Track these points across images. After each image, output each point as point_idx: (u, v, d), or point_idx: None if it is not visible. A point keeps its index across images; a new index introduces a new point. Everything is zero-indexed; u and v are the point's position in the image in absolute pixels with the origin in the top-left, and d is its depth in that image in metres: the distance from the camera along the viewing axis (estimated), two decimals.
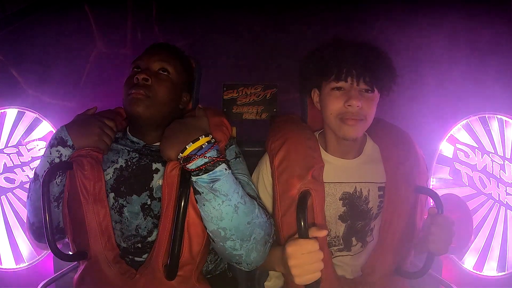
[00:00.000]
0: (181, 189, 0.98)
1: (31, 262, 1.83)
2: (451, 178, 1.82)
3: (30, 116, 1.83)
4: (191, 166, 0.96)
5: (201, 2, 1.88)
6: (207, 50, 1.89)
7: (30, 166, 1.81)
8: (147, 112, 1.06)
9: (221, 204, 0.96)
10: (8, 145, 1.81)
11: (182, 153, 0.96)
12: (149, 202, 1.07)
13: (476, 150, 1.78)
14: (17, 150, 1.80)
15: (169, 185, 1.01)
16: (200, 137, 0.97)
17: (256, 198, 1.08)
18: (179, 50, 1.21)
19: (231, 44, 1.88)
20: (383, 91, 1.12)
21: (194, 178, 0.97)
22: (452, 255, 1.80)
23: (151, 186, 1.08)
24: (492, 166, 1.75)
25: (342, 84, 1.08)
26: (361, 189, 1.15)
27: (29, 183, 1.12)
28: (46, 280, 1.21)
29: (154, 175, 1.09)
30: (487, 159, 1.76)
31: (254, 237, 1.00)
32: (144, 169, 1.10)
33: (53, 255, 1.16)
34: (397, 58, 1.15)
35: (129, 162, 1.11)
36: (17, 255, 1.81)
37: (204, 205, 0.97)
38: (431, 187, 1.78)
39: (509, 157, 1.73)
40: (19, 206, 1.80)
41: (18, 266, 1.81)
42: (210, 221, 0.98)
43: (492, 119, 1.78)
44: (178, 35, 1.90)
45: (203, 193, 0.97)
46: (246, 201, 1.00)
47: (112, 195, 1.08)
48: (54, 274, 1.31)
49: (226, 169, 0.98)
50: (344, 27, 1.83)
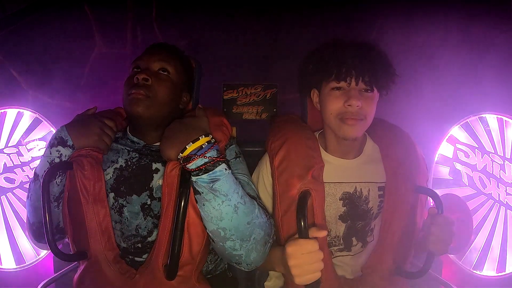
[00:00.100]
0: (181, 189, 0.98)
1: (31, 262, 1.83)
2: (451, 178, 1.82)
3: (30, 116, 1.84)
4: (191, 166, 0.96)
5: (201, 2, 1.87)
6: (207, 50, 1.89)
7: (30, 166, 1.81)
8: (147, 112, 1.06)
9: (221, 204, 0.96)
10: (8, 145, 1.81)
11: (182, 153, 0.96)
12: (149, 202, 1.07)
13: (476, 150, 1.78)
14: (17, 150, 1.81)
15: (169, 185, 1.01)
16: (200, 137, 0.97)
17: (256, 198, 1.08)
18: (179, 50, 1.21)
19: (231, 44, 1.88)
20: (383, 91, 1.12)
21: (194, 178, 0.97)
22: (452, 255, 1.80)
23: (151, 186, 1.08)
24: (492, 166, 1.75)
25: (341, 84, 1.08)
26: (361, 189, 1.15)
27: (29, 183, 1.12)
28: (46, 280, 1.21)
29: (154, 175, 1.09)
30: (487, 159, 1.76)
31: (254, 237, 1.00)
32: (144, 169, 1.10)
33: (53, 255, 1.16)
34: (397, 58, 1.15)
35: (129, 162, 1.11)
36: (17, 255, 1.81)
37: (204, 205, 0.97)
38: (431, 187, 1.78)
39: (509, 157, 1.73)
40: (19, 206, 1.80)
41: (18, 266, 1.81)
42: (210, 221, 0.98)
43: (492, 119, 1.78)
44: (178, 35, 1.90)
45: (203, 193, 0.97)
46: (246, 201, 1.00)
47: (112, 195, 1.08)
48: (54, 274, 1.31)
49: (226, 169, 0.98)
50: (344, 27, 1.83)
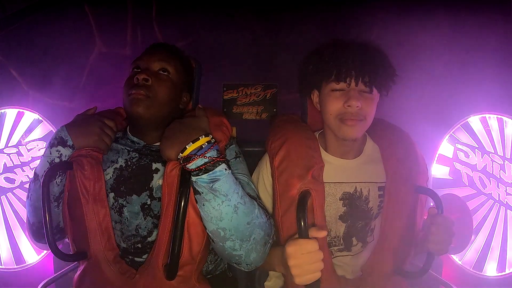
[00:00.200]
0: (181, 189, 0.98)
1: (31, 262, 1.83)
2: (451, 178, 1.82)
3: (30, 116, 1.84)
4: (191, 166, 0.96)
5: (201, 2, 1.87)
6: (207, 50, 1.89)
7: (30, 166, 1.81)
8: (147, 112, 1.06)
9: (221, 204, 0.96)
10: (8, 145, 1.81)
11: (182, 153, 0.96)
12: (149, 202, 1.07)
13: (476, 150, 1.78)
14: (17, 150, 1.81)
15: (169, 185, 1.01)
16: (200, 137, 0.97)
17: (256, 198, 1.08)
18: (179, 50, 1.21)
19: (231, 44, 1.88)
20: (383, 91, 1.12)
21: (194, 178, 0.97)
22: (452, 255, 1.80)
23: (151, 186, 1.08)
24: (492, 166, 1.75)
25: (341, 84, 1.08)
26: (361, 189, 1.15)
27: (29, 183, 1.12)
28: (46, 280, 1.21)
29: (154, 175, 1.09)
30: (487, 159, 1.76)
31: (253, 238, 1.00)
32: (144, 169, 1.10)
33: (53, 255, 1.16)
34: (397, 58, 1.15)
35: (129, 162, 1.11)
36: (17, 255, 1.81)
37: (204, 205, 0.97)
38: (431, 187, 1.78)
39: (509, 157, 1.73)
40: (19, 206, 1.81)
41: (18, 266, 1.81)
42: (209, 221, 0.98)
43: (492, 119, 1.78)
44: (178, 35, 1.90)
45: (202, 193, 0.97)
46: (246, 202, 1.00)
47: (112, 195, 1.08)
48: (54, 274, 1.31)
49: (226, 169, 0.98)
50: (344, 27, 1.83)
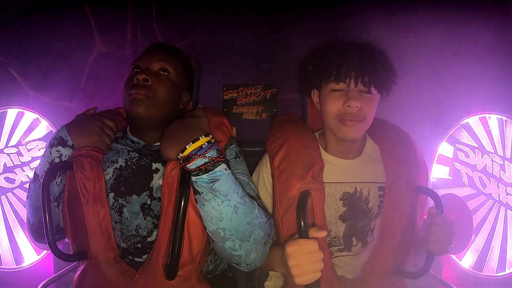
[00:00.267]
0: (181, 189, 0.98)
1: (31, 262, 1.83)
2: (451, 178, 1.82)
3: (30, 116, 1.83)
4: (191, 166, 0.95)
5: (201, 2, 1.87)
6: (207, 50, 1.88)
7: (30, 166, 1.81)
8: (147, 113, 1.06)
9: (221, 204, 0.96)
10: (8, 145, 1.81)
11: (182, 153, 0.96)
12: (149, 202, 1.07)
13: (476, 150, 1.78)
14: (17, 150, 1.81)
15: (169, 185, 1.01)
16: (200, 137, 0.97)
17: (256, 199, 1.08)
18: (179, 50, 1.21)
19: (231, 44, 1.87)
20: (383, 92, 1.12)
21: (194, 178, 0.97)
22: (452, 255, 1.80)
23: (151, 186, 1.08)
24: (492, 166, 1.75)
25: (341, 85, 1.07)
26: (361, 189, 1.15)
27: (29, 183, 1.12)
28: (46, 280, 1.21)
29: (154, 175, 1.09)
30: (487, 159, 1.76)
31: (253, 238, 1.00)
32: (144, 169, 1.10)
33: (53, 255, 1.16)
34: (396, 58, 1.15)
35: (129, 162, 1.11)
36: (17, 255, 1.81)
37: (204, 205, 0.97)
38: (431, 187, 1.78)
39: (509, 157, 1.73)
40: (19, 206, 1.80)
41: (18, 266, 1.81)
42: (209, 221, 0.98)
43: (492, 119, 1.78)
44: (178, 35, 1.90)
45: (202, 193, 0.97)
46: (245, 202, 1.00)
47: (112, 195, 1.08)
48: (54, 274, 1.31)
49: (226, 169, 0.98)
50: (344, 27, 1.83)
